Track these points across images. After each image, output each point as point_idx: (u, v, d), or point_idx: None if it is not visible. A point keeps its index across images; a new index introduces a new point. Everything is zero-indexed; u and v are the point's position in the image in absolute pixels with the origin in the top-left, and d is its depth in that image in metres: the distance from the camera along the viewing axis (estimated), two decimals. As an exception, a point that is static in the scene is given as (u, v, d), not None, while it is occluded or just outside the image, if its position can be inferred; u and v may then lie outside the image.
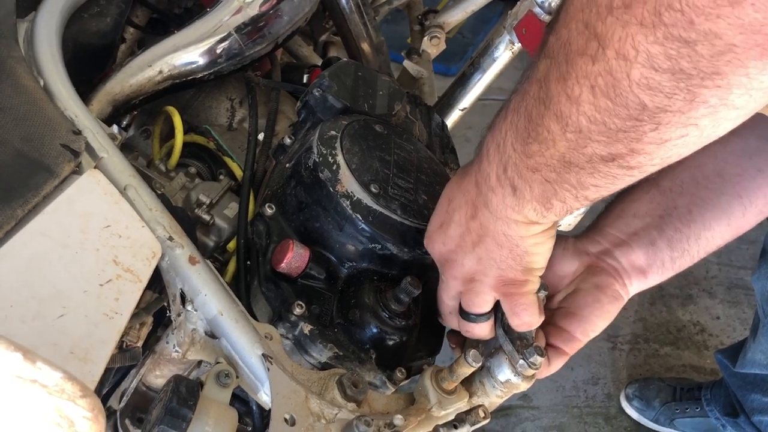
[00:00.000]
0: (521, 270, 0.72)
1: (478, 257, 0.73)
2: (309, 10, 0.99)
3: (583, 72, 0.53)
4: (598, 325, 0.83)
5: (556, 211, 0.65)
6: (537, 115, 0.59)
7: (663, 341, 2.27)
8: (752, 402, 1.82)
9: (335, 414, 0.67)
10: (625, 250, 0.87)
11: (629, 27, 0.48)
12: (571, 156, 0.58)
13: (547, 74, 0.57)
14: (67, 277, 0.63)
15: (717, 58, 0.46)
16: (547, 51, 0.57)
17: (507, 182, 0.65)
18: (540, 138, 0.59)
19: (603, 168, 0.58)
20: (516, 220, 0.67)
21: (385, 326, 0.79)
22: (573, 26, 0.53)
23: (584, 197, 0.62)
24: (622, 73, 0.50)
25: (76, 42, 0.89)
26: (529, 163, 0.62)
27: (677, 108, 0.50)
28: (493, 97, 1.31)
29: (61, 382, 0.43)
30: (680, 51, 0.47)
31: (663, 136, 0.53)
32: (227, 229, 0.91)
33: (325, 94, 0.93)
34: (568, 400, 2.08)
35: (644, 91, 0.50)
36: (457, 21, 1.58)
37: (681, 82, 0.48)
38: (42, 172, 0.67)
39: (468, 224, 0.72)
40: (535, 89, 0.59)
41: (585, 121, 0.55)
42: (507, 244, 0.70)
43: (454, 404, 0.76)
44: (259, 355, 0.68)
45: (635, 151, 0.55)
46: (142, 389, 0.88)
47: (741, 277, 2.48)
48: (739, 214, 0.87)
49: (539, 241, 0.70)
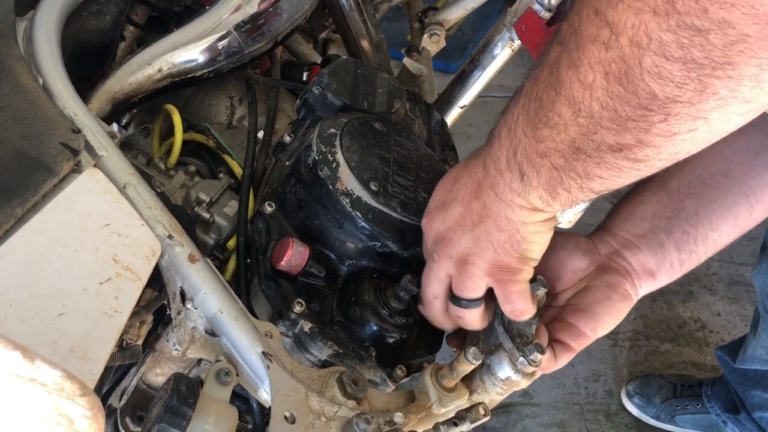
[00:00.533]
0: (517, 257, 0.72)
1: (476, 238, 0.73)
2: (308, 7, 0.99)
3: (596, 58, 0.53)
4: (608, 323, 0.84)
5: (561, 200, 0.66)
6: (548, 100, 0.60)
7: (664, 338, 2.27)
8: (753, 398, 1.82)
9: (335, 412, 0.68)
10: (635, 252, 0.87)
11: (642, 14, 0.48)
12: (581, 142, 0.59)
13: (558, 60, 0.58)
14: (66, 276, 0.63)
15: (729, 47, 0.46)
16: (560, 37, 0.58)
17: (516, 167, 0.66)
18: (551, 123, 0.60)
19: (610, 158, 0.58)
20: (520, 205, 0.68)
21: (385, 324, 0.79)
22: (584, 13, 0.54)
23: (589, 188, 0.63)
24: (634, 60, 0.51)
25: (76, 40, 0.89)
26: (539, 148, 0.63)
27: (687, 99, 0.50)
28: (493, 94, 1.31)
29: (60, 380, 0.43)
30: (692, 40, 0.47)
31: (672, 129, 0.53)
32: (227, 227, 0.91)
33: (325, 92, 0.93)
34: (568, 397, 2.08)
35: (655, 80, 0.50)
36: (456, 18, 1.58)
37: (692, 71, 0.48)
38: (41, 171, 0.67)
39: (470, 204, 0.73)
40: (546, 75, 0.60)
41: (597, 107, 0.55)
42: (508, 228, 0.70)
43: (454, 402, 0.76)
44: (259, 353, 0.68)
45: (643, 143, 0.55)
46: (142, 387, 0.88)
47: (742, 273, 2.48)
48: (746, 213, 0.87)
49: (539, 229, 0.71)
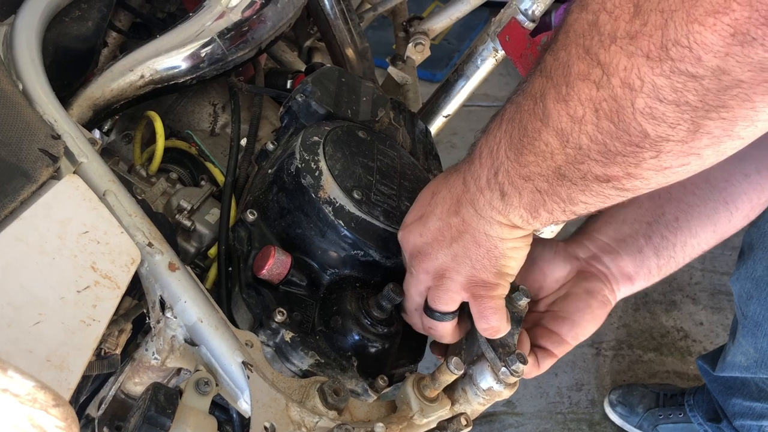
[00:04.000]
0: (494, 273, 0.72)
1: (453, 253, 0.73)
2: (293, 15, 0.99)
3: (587, 96, 0.53)
4: (587, 329, 0.85)
5: (542, 220, 0.66)
6: (533, 129, 0.60)
7: (647, 347, 2.28)
8: (734, 406, 1.83)
9: (316, 422, 0.67)
10: (614, 257, 0.88)
11: (635, 58, 0.48)
12: (567, 170, 0.59)
13: (544, 93, 0.58)
14: (43, 284, 0.63)
15: (724, 92, 0.46)
16: (544, 70, 0.58)
17: (497, 186, 0.66)
18: (536, 150, 0.60)
19: (596, 187, 0.58)
20: (500, 222, 0.68)
21: (367, 333, 0.78)
22: (573, 50, 0.54)
23: (572, 212, 0.63)
24: (626, 101, 0.50)
25: (57, 46, 0.88)
26: (522, 171, 0.63)
27: (680, 138, 0.50)
28: (477, 103, 1.32)
29: (33, 391, 0.42)
30: (687, 84, 0.47)
31: (663, 164, 0.53)
32: (208, 235, 0.90)
33: (309, 100, 0.93)
34: (552, 406, 2.08)
35: (647, 120, 0.50)
36: (441, 28, 1.59)
37: (685, 113, 0.48)
38: (19, 177, 0.66)
39: (449, 219, 0.73)
40: (530, 105, 0.60)
41: (586, 140, 0.55)
42: (486, 243, 0.70)
43: (436, 412, 0.76)
44: (239, 362, 0.67)
45: (632, 175, 0.55)
46: (120, 397, 0.87)
47: (724, 283, 2.50)
48: (725, 221, 0.88)
49: (517, 245, 0.71)
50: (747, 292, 1.61)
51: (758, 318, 1.60)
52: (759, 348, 1.64)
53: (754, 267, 1.58)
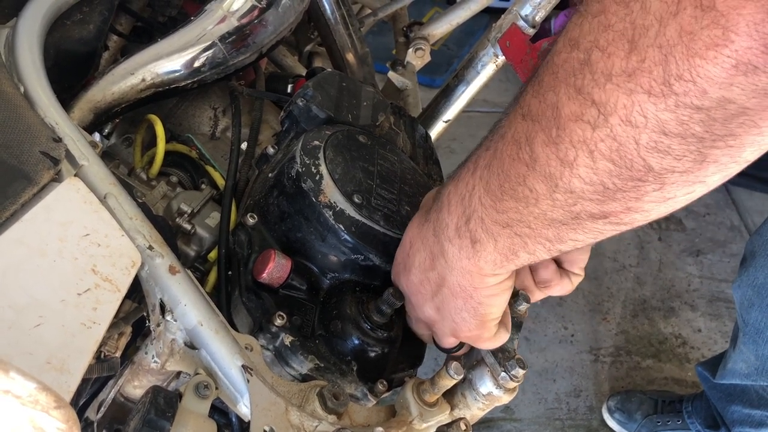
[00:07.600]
0: (476, 323, 0.71)
1: (436, 307, 0.74)
2: (294, 20, 0.99)
3: (580, 137, 0.51)
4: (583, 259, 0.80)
5: (519, 262, 0.64)
6: (517, 174, 0.58)
7: (645, 354, 2.28)
8: (732, 414, 1.83)
9: (315, 426, 0.67)
10: None
11: (635, 95, 0.47)
12: (555, 214, 0.57)
13: (531, 137, 0.56)
14: (44, 286, 0.63)
15: (730, 121, 0.45)
16: (528, 114, 0.56)
17: (467, 234, 0.65)
18: (518, 196, 0.58)
19: (590, 225, 0.57)
20: (470, 271, 0.67)
21: (367, 338, 0.78)
22: (563, 91, 0.52)
23: (558, 250, 0.61)
24: (628, 138, 0.49)
25: (58, 49, 0.88)
26: (499, 218, 0.61)
27: (685, 168, 0.49)
28: (477, 109, 1.32)
29: (35, 392, 0.42)
30: (693, 116, 0.46)
31: (666, 195, 0.52)
32: (208, 238, 0.90)
33: (309, 104, 0.93)
34: (550, 412, 2.08)
35: (652, 155, 0.49)
36: (441, 33, 1.59)
37: (692, 144, 0.47)
38: (20, 180, 0.66)
39: (427, 273, 0.73)
40: (513, 150, 0.58)
41: (579, 183, 0.53)
42: (461, 294, 0.69)
43: (435, 417, 0.76)
44: (238, 366, 0.67)
45: (632, 209, 0.54)
46: (120, 400, 0.87)
47: (722, 290, 2.50)
48: None
49: (494, 292, 0.69)
50: (748, 299, 1.62)
51: (759, 325, 1.61)
52: (760, 355, 1.65)
53: (755, 274, 1.58)
